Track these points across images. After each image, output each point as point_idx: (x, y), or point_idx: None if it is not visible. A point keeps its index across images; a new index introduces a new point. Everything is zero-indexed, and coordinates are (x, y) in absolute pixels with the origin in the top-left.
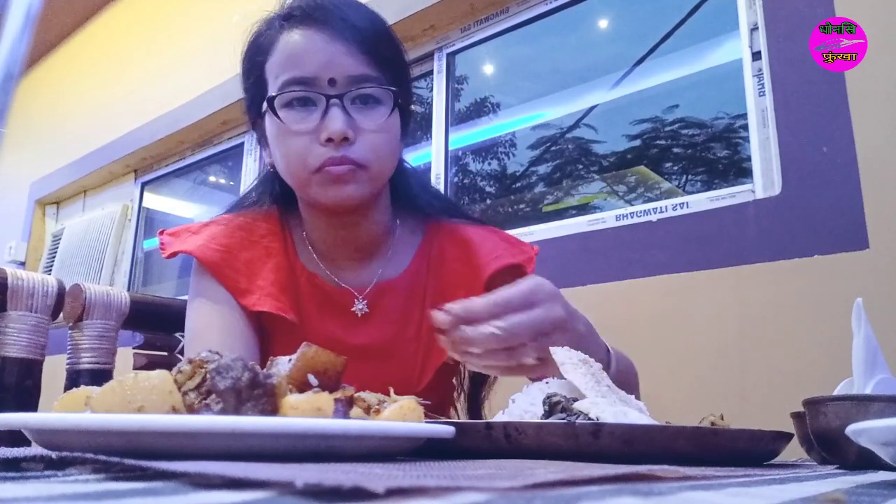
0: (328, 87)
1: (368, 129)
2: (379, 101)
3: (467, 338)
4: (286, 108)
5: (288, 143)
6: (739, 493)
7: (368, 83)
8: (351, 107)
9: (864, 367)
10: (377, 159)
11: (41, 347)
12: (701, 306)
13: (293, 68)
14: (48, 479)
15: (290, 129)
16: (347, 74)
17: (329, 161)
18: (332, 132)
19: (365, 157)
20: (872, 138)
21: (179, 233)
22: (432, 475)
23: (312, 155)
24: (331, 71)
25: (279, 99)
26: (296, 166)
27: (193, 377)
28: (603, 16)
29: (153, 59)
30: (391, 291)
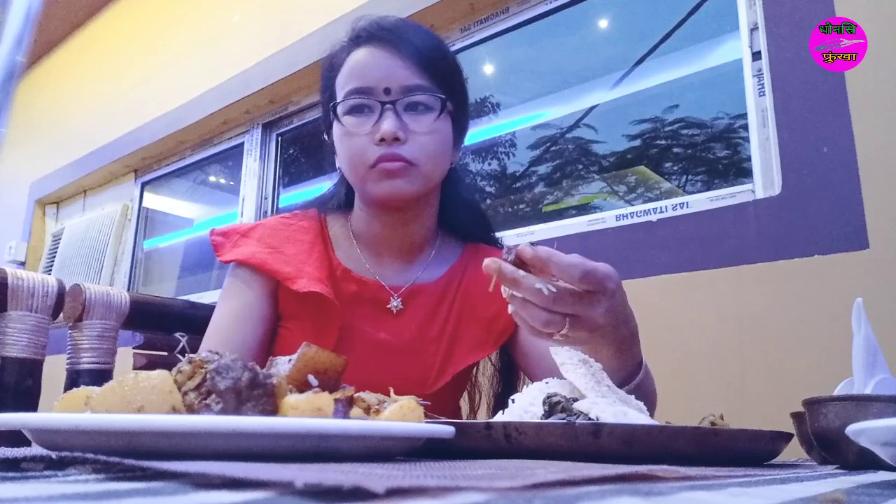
0: (384, 96)
1: (419, 131)
2: (429, 107)
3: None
4: (348, 115)
5: (348, 144)
6: (739, 493)
7: (419, 92)
8: (404, 113)
9: (864, 367)
10: (426, 158)
11: (41, 347)
12: (701, 306)
13: (355, 80)
14: (48, 479)
15: (349, 132)
16: (401, 85)
17: (382, 157)
18: (384, 132)
19: (415, 155)
20: (872, 138)
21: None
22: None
23: (368, 153)
24: (386, 82)
25: (341, 106)
26: (354, 164)
27: (193, 377)
28: (603, 16)
29: (153, 59)
30: (423, 293)
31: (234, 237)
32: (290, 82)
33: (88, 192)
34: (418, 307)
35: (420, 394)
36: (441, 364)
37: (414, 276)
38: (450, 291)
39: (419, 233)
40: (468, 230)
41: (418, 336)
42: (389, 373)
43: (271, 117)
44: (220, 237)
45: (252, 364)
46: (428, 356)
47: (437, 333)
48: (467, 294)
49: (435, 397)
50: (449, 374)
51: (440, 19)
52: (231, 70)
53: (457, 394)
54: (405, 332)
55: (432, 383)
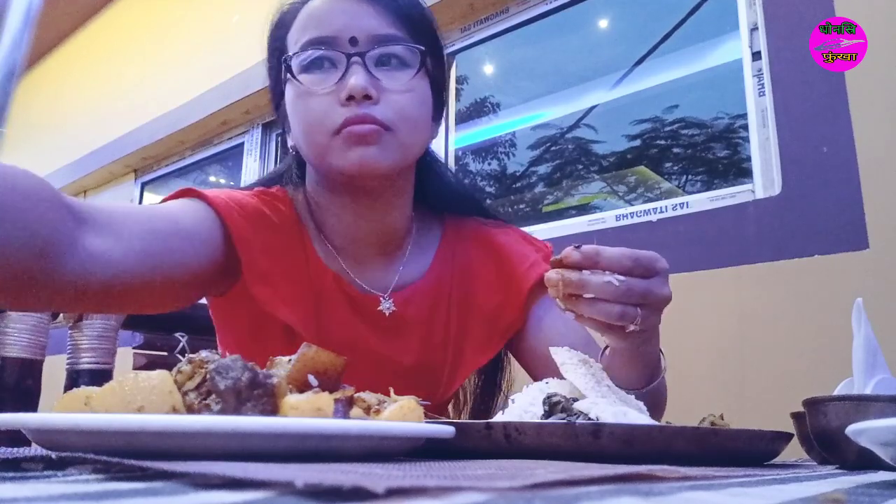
0: (349, 47)
1: (393, 88)
2: (405, 62)
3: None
4: (305, 73)
5: (306, 107)
6: (739, 493)
7: (393, 42)
8: (375, 69)
9: (864, 367)
10: (403, 122)
11: (41, 347)
12: (701, 306)
13: (313, 30)
14: (48, 479)
15: (307, 91)
16: (371, 34)
17: (350, 120)
18: (352, 89)
19: (389, 117)
20: (872, 138)
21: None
22: (432, 475)
23: (332, 115)
24: (352, 30)
25: (295, 61)
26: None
27: (193, 377)
28: (603, 16)
29: (153, 59)
30: (416, 296)
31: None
32: None
33: (88, 192)
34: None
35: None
36: (449, 373)
37: (397, 274)
38: (444, 285)
39: (397, 221)
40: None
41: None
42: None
43: (271, 117)
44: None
45: (252, 364)
46: (436, 367)
47: (441, 339)
48: (464, 285)
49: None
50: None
51: (440, 19)
52: (231, 70)
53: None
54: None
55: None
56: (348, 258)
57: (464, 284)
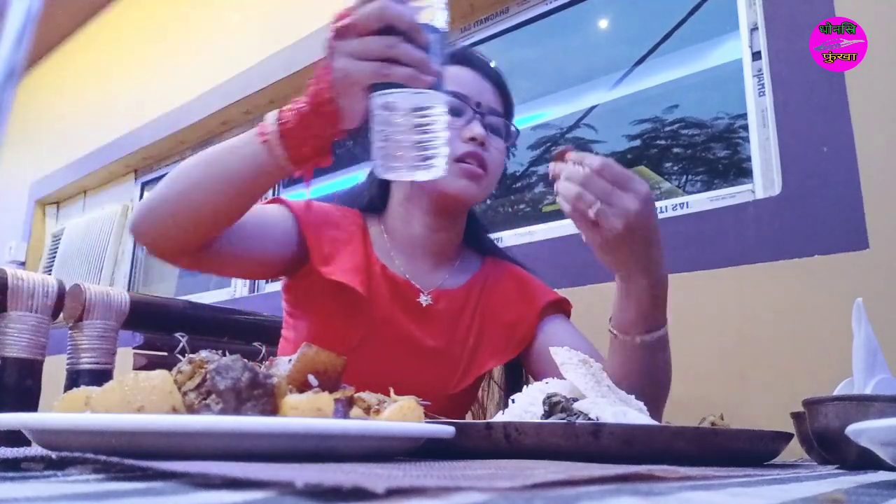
0: (475, 107)
1: (493, 146)
2: (500, 131)
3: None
4: None
5: None
6: (739, 493)
7: (500, 115)
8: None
9: (864, 367)
10: (494, 172)
11: (41, 347)
12: (701, 306)
13: (453, 85)
14: (48, 479)
15: None
16: (490, 105)
17: (469, 154)
18: (477, 133)
19: (490, 163)
20: (872, 138)
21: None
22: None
23: (454, 146)
24: (479, 97)
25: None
26: None
27: (193, 377)
28: (603, 16)
29: (153, 59)
30: (450, 297)
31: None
32: (290, 82)
33: (88, 193)
34: (445, 309)
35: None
36: (465, 367)
37: (441, 281)
38: (472, 298)
39: (452, 240)
40: (484, 246)
41: (447, 337)
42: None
43: None
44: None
45: (252, 364)
46: (454, 358)
47: (462, 336)
48: (488, 302)
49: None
50: (472, 376)
51: None
52: (231, 70)
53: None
54: (435, 331)
55: (455, 385)
56: (403, 257)
57: (489, 299)
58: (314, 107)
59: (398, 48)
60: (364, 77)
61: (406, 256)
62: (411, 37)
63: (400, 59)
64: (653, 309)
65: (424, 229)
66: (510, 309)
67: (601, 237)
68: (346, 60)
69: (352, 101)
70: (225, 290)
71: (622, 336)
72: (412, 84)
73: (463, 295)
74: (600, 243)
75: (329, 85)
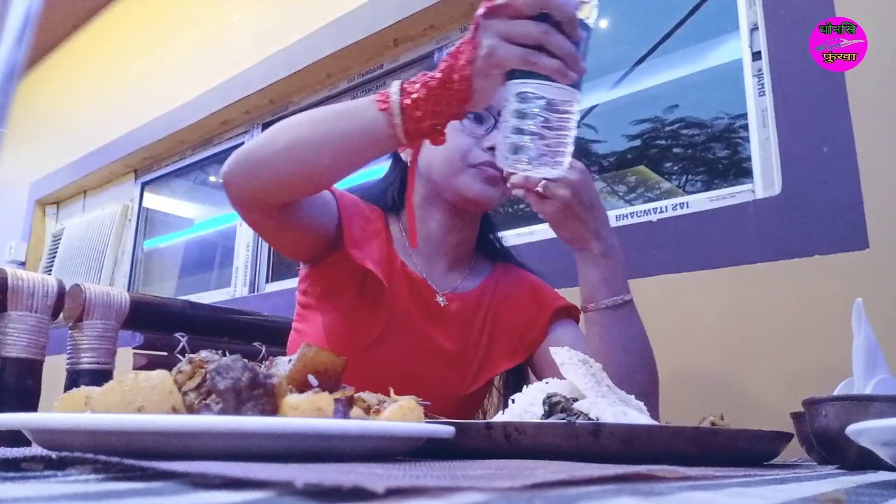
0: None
1: None
2: None
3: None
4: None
5: (457, 140)
6: (739, 493)
7: None
8: None
9: (864, 367)
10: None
11: (41, 347)
12: (701, 306)
13: None
14: (48, 479)
15: (462, 129)
16: None
17: (490, 163)
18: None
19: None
20: (872, 138)
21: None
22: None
23: (474, 152)
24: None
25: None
26: (454, 158)
27: (193, 377)
28: (603, 16)
29: (153, 59)
30: (464, 300)
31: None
32: (290, 82)
33: (88, 193)
34: (459, 311)
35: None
36: (477, 369)
37: (456, 283)
38: (485, 301)
39: (468, 243)
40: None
41: (461, 339)
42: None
43: (271, 117)
44: None
45: (252, 364)
46: (467, 360)
47: (475, 339)
48: (500, 306)
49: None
50: (483, 378)
51: (440, 19)
52: (231, 70)
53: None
54: (450, 332)
55: (467, 387)
56: (420, 257)
57: (501, 303)
58: (445, 82)
59: (553, 37)
60: (510, 61)
61: (423, 257)
62: (565, 29)
63: (552, 49)
64: (611, 273)
65: (442, 231)
66: (521, 313)
67: (552, 207)
68: (495, 40)
69: (487, 83)
70: (225, 290)
71: (590, 305)
72: (557, 77)
73: (476, 298)
74: (552, 214)
75: (470, 61)
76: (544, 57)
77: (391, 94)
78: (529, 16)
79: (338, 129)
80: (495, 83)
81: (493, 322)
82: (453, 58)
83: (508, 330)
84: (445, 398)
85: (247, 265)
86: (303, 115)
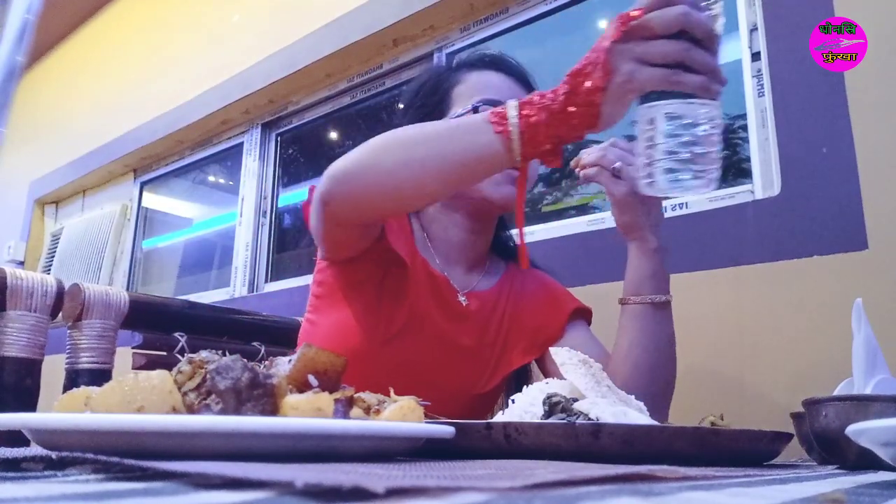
0: None
1: None
2: None
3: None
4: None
5: None
6: (739, 493)
7: None
8: None
9: (864, 367)
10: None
11: (40, 347)
12: (701, 306)
13: (489, 93)
14: (48, 479)
15: None
16: None
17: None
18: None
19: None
20: (872, 139)
21: None
22: (432, 475)
23: None
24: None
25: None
26: None
27: (193, 377)
28: (603, 16)
29: (153, 59)
30: (483, 299)
31: None
32: (289, 82)
33: (88, 192)
34: (478, 310)
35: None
36: (493, 367)
37: (475, 282)
38: (501, 300)
39: (485, 243)
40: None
41: (478, 338)
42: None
43: (270, 117)
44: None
45: (252, 364)
46: (484, 358)
47: (492, 338)
48: (516, 305)
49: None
50: (499, 376)
51: (440, 19)
52: (231, 70)
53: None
54: (468, 331)
55: (484, 385)
56: (440, 257)
57: (517, 303)
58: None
59: (695, 53)
60: (651, 83)
61: (443, 257)
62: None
63: (694, 65)
64: (659, 270)
65: (462, 232)
66: (537, 313)
67: (625, 188)
68: (632, 64)
69: (618, 106)
70: (224, 290)
71: (634, 298)
72: (703, 94)
73: (494, 297)
74: (622, 196)
75: (600, 87)
76: (687, 75)
77: (510, 117)
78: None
79: (448, 150)
80: (627, 106)
81: (510, 321)
82: (576, 80)
83: (523, 328)
84: (462, 396)
85: (246, 265)
86: (405, 134)
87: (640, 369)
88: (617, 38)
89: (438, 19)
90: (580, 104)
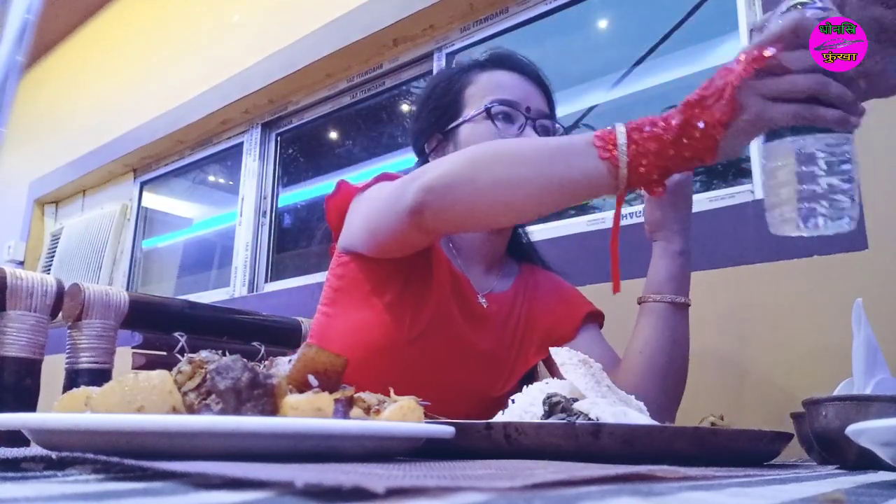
0: (525, 112)
1: None
2: (550, 133)
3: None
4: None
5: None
6: (739, 494)
7: (549, 119)
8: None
9: (864, 367)
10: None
11: (40, 347)
12: (701, 306)
13: (502, 93)
14: (48, 479)
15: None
16: (538, 109)
17: None
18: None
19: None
20: (871, 138)
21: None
22: (432, 475)
23: None
24: (527, 102)
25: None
26: None
27: (193, 377)
28: (603, 16)
29: (152, 59)
30: (500, 300)
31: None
32: (289, 82)
33: (87, 192)
34: (496, 312)
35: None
36: (511, 369)
37: (493, 284)
38: (517, 302)
39: (502, 245)
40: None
41: (496, 340)
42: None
43: (270, 117)
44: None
45: (252, 364)
46: (501, 361)
47: (509, 339)
48: (531, 307)
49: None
50: (516, 377)
51: (440, 19)
52: (231, 70)
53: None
54: (487, 334)
55: (501, 387)
56: (461, 258)
57: (532, 305)
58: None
59: (831, 87)
60: (784, 120)
61: (463, 256)
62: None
63: (830, 99)
64: (682, 273)
65: (483, 234)
66: (551, 314)
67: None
68: (762, 101)
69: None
70: (223, 290)
71: (654, 296)
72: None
73: (511, 299)
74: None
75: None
76: (824, 109)
77: (619, 144)
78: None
79: (549, 172)
80: (749, 142)
81: (526, 322)
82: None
83: (537, 330)
84: (480, 399)
85: (246, 265)
86: (505, 150)
87: (655, 368)
88: (747, 75)
89: (438, 19)
90: (697, 137)
